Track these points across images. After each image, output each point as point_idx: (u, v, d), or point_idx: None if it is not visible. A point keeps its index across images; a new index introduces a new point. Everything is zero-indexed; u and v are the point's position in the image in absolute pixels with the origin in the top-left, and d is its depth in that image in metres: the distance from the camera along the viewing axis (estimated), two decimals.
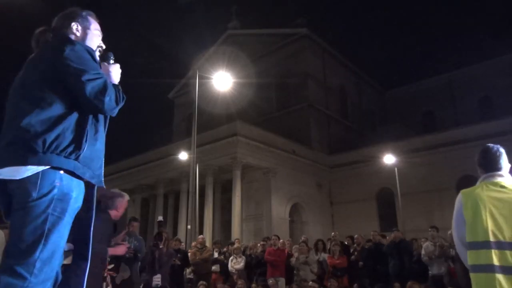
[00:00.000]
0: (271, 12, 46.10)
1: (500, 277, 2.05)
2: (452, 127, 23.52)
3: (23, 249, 1.61)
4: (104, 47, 2.09)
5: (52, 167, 1.69)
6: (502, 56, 29.18)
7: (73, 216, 1.78)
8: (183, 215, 20.47)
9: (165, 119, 38.44)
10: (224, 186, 22.19)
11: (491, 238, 2.14)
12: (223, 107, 28.31)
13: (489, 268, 2.09)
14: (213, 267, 9.65)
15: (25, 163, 1.64)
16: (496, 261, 2.08)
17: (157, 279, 5.84)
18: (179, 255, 9.01)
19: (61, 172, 1.71)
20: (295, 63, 28.08)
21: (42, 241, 1.63)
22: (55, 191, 1.68)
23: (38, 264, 1.61)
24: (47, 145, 1.66)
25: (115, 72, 2.00)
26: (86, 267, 1.93)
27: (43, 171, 1.66)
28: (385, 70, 41.26)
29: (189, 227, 12.50)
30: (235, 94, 24.55)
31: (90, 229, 1.93)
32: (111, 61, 2.04)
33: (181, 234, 18.50)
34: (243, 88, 26.97)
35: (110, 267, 5.19)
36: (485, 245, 2.14)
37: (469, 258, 2.21)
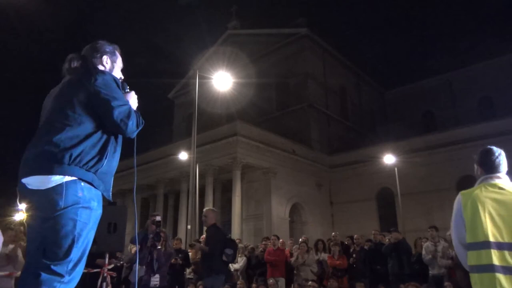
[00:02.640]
0: (271, 12, 46.07)
1: (500, 277, 2.08)
2: (452, 127, 23.53)
3: (58, 252, 1.86)
4: (123, 77, 2.39)
5: (75, 179, 1.91)
6: (502, 56, 29.16)
7: (97, 223, 2.03)
8: (183, 215, 20.48)
9: (165, 119, 38.42)
10: (224, 186, 22.19)
11: (491, 239, 2.17)
12: (223, 107, 28.33)
13: (490, 268, 2.12)
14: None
15: (51, 172, 1.87)
16: (496, 261, 2.12)
17: (155, 280, 5.85)
18: (180, 255, 9.02)
19: (82, 183, 1.94)
20: (295, 63, 28.08)
21: (75, 245, 1.88)
22: (80, 200, 1.91)
23: (71, 264, 1.88)
24: (72, 158, 1.90)
25: (133, 98, 2.30)
26: None
27: (66, 182, 1.89)
28: (385, 70, 41.17)
29: (189, 227, 12.49)
30: (235, 94, 24.56)
31: None
32: (127, 89, 2.31)
33: (181, 234, 18.50)
34: (243, 88, 26.97)
35: (110, 267, 5.19)
36: (485, 245, 2.17)
37: (469, 258, 2.24)
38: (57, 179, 1.87)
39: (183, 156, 18.52)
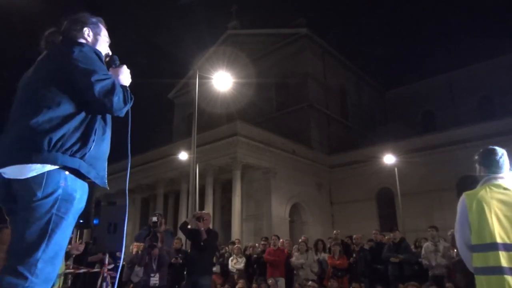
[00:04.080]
0: (271, 12, 46.06)
1: (509, 278, 2.06)
2: (452, 127, 23.49)
3: (25, 249, 1.61)
4: (110, 53, 2.13)
5: (58, 168, 1.70)
6: (502, 56, 29.16)
7: (76, 217, 1.79)
8: (183, 215, 20.47)
9: (165, 119, 38.42)
10: (224, 186, 22.19)
11: (498, 240, 2.15)
12: (223, 107, 28.32)
13: (498, 270, 2.09)
14: (213, 268, 9.65)
15: (29, 161, 1.65)
16: (504, 263, 2.09)
17: (155, 279, 5.86)
18: (180, 254, 9.05)
19: (66, 172, 1.72)
20: (295, 63, 28.07)
21: (45, 241, 1.63)
22: (60, 191, 1.69)
23: (40, 265, 1.60)
24: (52, 143, 1.67)
25: (124, 74, 2.01)
26: None
27: (48, 171, 1.67)
28: (385, 70, 41.18)
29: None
30: (235, 94, 24.55)
31: None
32: (117, 63, 2.06)
33: (181, 234, 18.47)
34: (243, 88, 26.97)
35: (110, 267, 5.19)
36: (493, 247, 2.15)
37: (475, 260, 2.22)
38: (38, 167, 1.65)
39: (183, 156, 18.53)
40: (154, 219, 6.08)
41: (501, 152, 2.50)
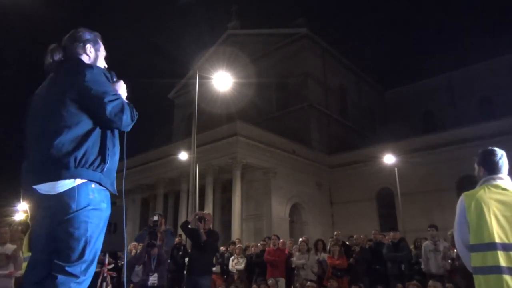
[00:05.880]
0: (271, 12, 46.08)
1: (507, 278, 2.07)
2: (452, 127, 23.48)
3: (72, 255, 1.89)
4: (106, 66, 2.30)
5: (85, 181, 1.93)
6: (502, 56, 29.14)
7: (106, 223, 2.06)
8: (183, 215, 20.47)
9: (165, 119, 38.42)
10: (224, 186, 22.19)
11: (497, 240, 2.16)
12: (223, 107, 28.31)
13: (497, 270, 2.10)
14: (213, 268, 9.65)
15: (59, 178, 1.87)
16: (503, 263, 2.11)
17: (153, 279, 5.86)
18: (180, 253, 9.09)
19: (93, 185, 1.96)
20: (295, 63, 28.06)
21: (87, 246, 1.91)
22: (91, 202, 1.93)
23: (84, 265, 1.92)
24: (77, 161, 1.90)
25: (122, 89, 2.21)
26: None
27: (78, 185, 1.90)
28: (385, 70, 41.16)
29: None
30: (235, 94, 24.55)
31: None
32: (115, 79, 2.21)
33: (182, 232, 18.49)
34: (243, 88, 26.97)
35: (110, 267, 5.19)
36: (491, 246, 2.16)
37: (473, 260, 2.23)
38: (67, 183, 1.88)
39: (183, 156, 18.53)
40: (155, 218, 6.09)
41: (501, 153, 2.51)
